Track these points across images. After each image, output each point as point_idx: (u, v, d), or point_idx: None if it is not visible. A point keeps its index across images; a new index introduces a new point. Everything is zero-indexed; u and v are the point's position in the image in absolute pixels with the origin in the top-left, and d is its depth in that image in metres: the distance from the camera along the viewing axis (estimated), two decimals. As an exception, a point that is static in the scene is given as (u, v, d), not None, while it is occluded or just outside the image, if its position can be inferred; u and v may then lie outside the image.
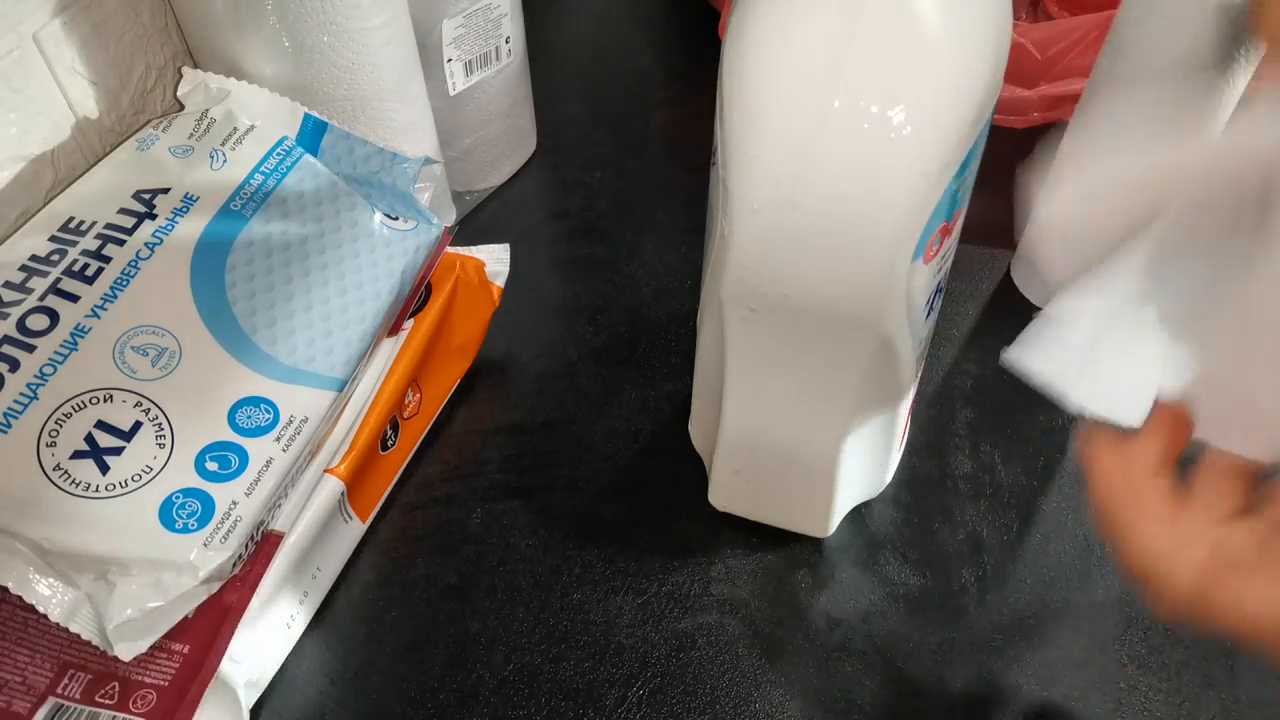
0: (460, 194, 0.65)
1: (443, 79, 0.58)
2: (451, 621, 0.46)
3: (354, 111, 0.51)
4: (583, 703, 0.43)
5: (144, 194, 0.44)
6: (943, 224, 0.35)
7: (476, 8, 0.56)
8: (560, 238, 0.64)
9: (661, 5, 0.83)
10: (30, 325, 0.39)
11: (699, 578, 0.47)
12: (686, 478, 0.51)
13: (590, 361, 0.57)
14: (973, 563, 0.47)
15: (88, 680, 0.38)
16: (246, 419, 0.40)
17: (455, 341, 0.53)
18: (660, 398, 0.54)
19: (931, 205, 0.34)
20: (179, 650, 0.39)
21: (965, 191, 0.37)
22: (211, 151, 0.46)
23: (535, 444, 0.53)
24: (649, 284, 0.61)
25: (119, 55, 0.49)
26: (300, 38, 0.47)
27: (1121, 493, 0.31)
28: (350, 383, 0.44)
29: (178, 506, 0.38)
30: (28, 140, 0.46)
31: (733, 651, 0.45)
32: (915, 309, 0.38)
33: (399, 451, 0.50)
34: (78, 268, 0.41)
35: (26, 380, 0.38)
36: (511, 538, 0.49)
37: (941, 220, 0.35)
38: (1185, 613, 0.30)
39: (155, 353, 0.40)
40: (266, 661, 0.42)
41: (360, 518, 0.47)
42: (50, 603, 0.36)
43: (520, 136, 0.67)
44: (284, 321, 0.43)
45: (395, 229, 0.48)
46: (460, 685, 0.44)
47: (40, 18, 0.44)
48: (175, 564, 0.37)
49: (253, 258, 0.44)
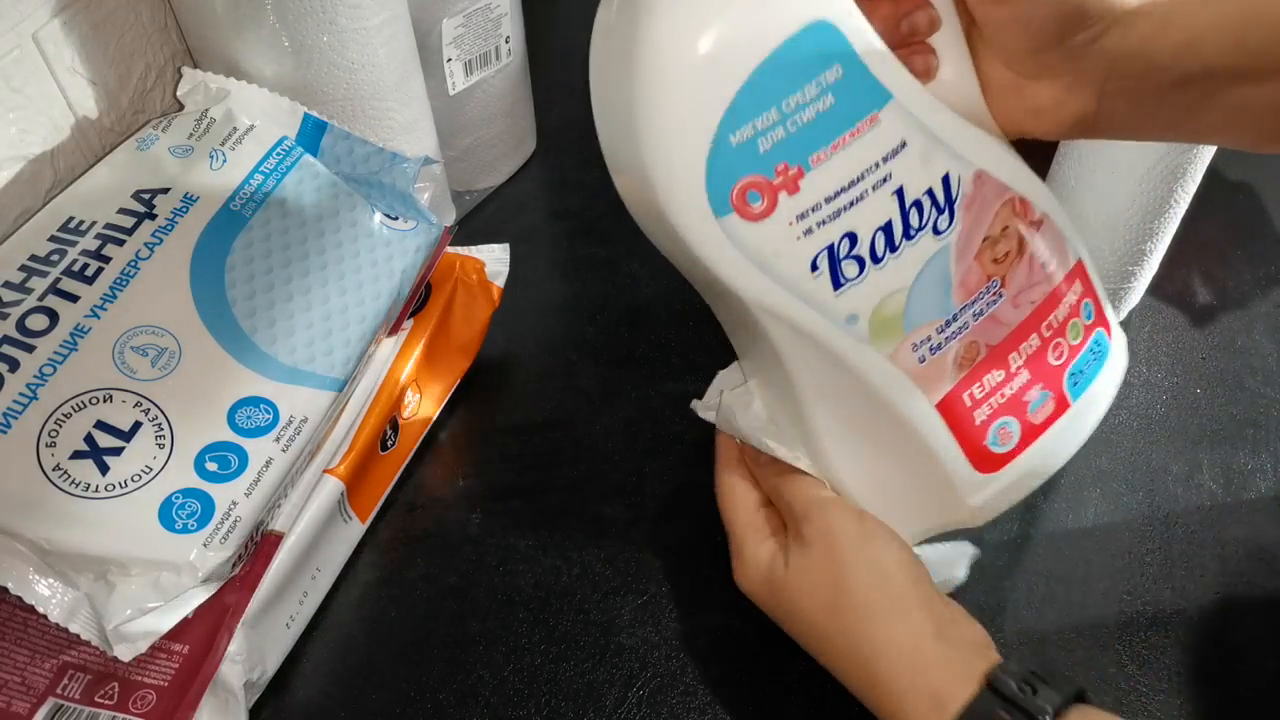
0: (460, 194, 0.65)
1: (442, 79, 0.58)
2: (451, 622, 0.46)
3: (354, 111, 0.51)
4: (583, 703, 0.43)
5: (144, 194, 0.44)
6: (760, 178, 0.34)
7: (476, 7, 0.56)
8: (560, 238, 0.64)
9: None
10: (30, 325, 0.39)
11: (699, 578, 0.47)
12: (687, 478, 0.51)
13: (590, 361, 0.57)
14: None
15: (87, 680, 0.38)
16: (246, 419, 0.40)
17: (455, 341, 0.53)
18: (660, 398, 0.54)
19: (702, 150, 0.33)
20: (178, 650, 0.39)
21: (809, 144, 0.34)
22: (211, 151, 0.46)
23: (535, 444, 0.53)
24: (649, 284, 0.61)
25: (118, 55, 0.49)
26: (300, 37, 0.47)
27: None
28: (350, 383, 0.44)
29: (177, 507, 0.38)
30: (27, 140, 0.46)
31: (733, 652, 0.45)
32: (783, 273, 0.35)
33: (399, 451, 0.50)
34: (77, 268, 0.41)
35: (26, 380, 0.38)
36: (511, 538, 0.49)
37: (755, 172, 0.34)
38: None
39: (155, 353, 0.40)
40: (266, 662, 0.42)
41: (360, 518, 0.47)
42: (50, 603, 0.36)
43: (520, 136, 0.67)
44: (284, 321, 0.43)
45: (395, 229, 0.48)
46: (460, 685, 0.44)
47: (40, 17, 0.44)
48: (175, 564, 0.37)
49: (252, 258, 0.44)
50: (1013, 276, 0.39)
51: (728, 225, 0.34)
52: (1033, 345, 0.40)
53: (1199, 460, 0.51)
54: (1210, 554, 0.48)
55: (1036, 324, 0.40)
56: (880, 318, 0.37)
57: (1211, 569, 0.47)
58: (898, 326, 0.38)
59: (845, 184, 0.35)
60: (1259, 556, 0.48)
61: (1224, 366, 0.56)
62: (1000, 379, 0.40)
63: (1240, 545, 0.48)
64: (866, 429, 0.40)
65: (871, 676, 0.37)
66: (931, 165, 0.37)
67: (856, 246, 0.36)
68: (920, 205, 0.37)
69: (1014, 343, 0.40)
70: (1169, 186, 0.50)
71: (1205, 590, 0.46)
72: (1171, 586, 0.46)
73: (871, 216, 0.36)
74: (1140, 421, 0.53)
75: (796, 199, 0.35)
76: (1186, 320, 0.59)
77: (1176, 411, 0.54)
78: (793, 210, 0.35)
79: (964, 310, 0.39)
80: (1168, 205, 0.51)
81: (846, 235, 0.36)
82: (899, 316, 0.38)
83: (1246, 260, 0.62)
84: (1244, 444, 0.52)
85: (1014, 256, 0.39)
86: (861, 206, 0.36)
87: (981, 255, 0.38)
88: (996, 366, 0.40)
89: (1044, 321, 0.40)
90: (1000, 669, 0.35)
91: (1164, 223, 0.52)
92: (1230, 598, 0.46)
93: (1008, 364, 0.40)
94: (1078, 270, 0.41)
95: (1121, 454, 0.52)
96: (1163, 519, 0.49)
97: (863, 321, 0.37)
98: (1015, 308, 0.40)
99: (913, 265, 0.37)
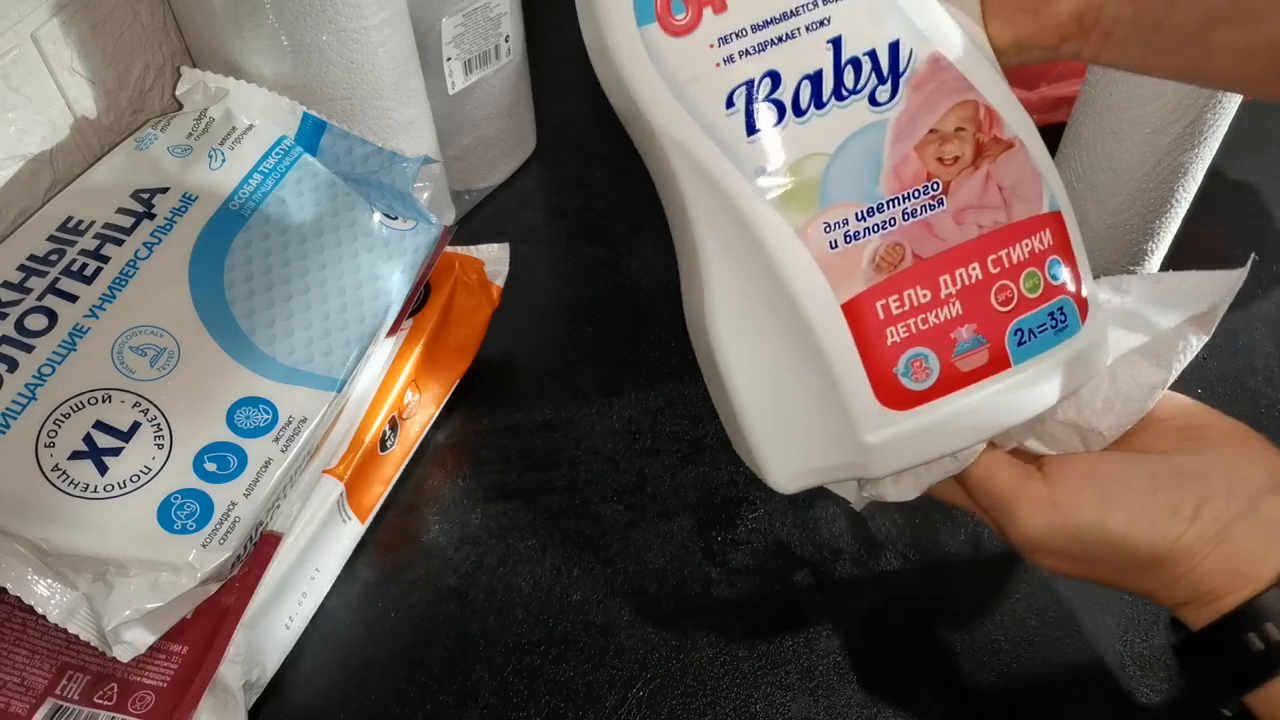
0: (459, 193, 0.65)
1: (442, 78, 0.58)
2: (451, 622, 0.46)
3: (353, 110, 0.51)
4: (582, 704, 0.43)
5: (142, 193, 0.44)
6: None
7: (476, 6, 0.56)
8: (560, 237, 0.64)
9: (661, 4, 0.82)
10: (28, 325, 0.39)
11: (699, 578, 0.47)
12: (687, 477, 0.51)
13: (590, 361, 0.57)
14: (973, 563, 0.47)
15: (86, 681, 0.38)
16: (245, 419, 0.40)
17: (454, 341, 0.53)
18: (660, 398, 0.54)
19: None
20: (177, 651, 0.39)
21: None
22: (210, 151, 0.46)
23: (535, 444, 0.53)
24: (649, 284, 0.61)
25: (117, 54, 0.49)
26: (299, 36, 0.47)
27: None
28: (349, 383, 0.44)
29: (176, 507, 0.38)
30: (26, 140, 0.45)
31: (733, 653, 0.45)
32: (697, 103, 0.33)
33: (398, 452, 0.50)
34: (76, 267, 0.41)
35: (25, 380, 0.38)
36: (511, 538, 0.49)
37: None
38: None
39: (154, 353, 0.40)
40: (266, 662, 0.42)
41: (359, 518, 0.47)
42: (49, 603, 0.35)
43: (520, 135, 0.67)
44: (283, 321, 0.43)
45: (394, 228, 0.48)
46: (459, 686, 0.44)
47: (39, 17, 0.44)
48: (174, 565, 0.37)
49: (251, 257, 0.44)
50: (960, 186, 0.36)
51: (649, 36, 0.32)
52: (972, 275, 0.36)
53: (1199, 460, 0.51)
54: (1211, 554, 0.48)
55: (982, 253, 0.36)
56: (795, 182, 0.34)
57: (1212, 569, 0.47)
58: (812, 197, 0.34)
59: (776, 14, 0.33)
60: (1259, 557, 0.47)
61: (1224, 367, 0.56)
62: (925, 300, 0.35)
63: (1241, 545, 0.48)
64: (764, 320, 0.36)
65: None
66: (881, 26, 0.34)
67: (778, 90, 0.34)
68: (858, 65, 0.34)
69: (948, 264, 0.36)
70: (1169, 186, 0.50)
71: (1206, 590, 0.46)
72: (1172, 587, 0.46)
73: (800, 61, 0.34)
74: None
75: (722, 19, 0.33)
76: (1187, 320, 0.58)
77: (1177, 411, 0.54)
78: (715, 31, 0.33)
79: (892, 203, 0.35)
80: (1168, 205, 0.51)
81: (769, 74, 0.33)
82: (815, 185, 0.34)
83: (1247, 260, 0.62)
84: (1244, 444, 0.52)
85: (965, 166, 0.36)
86: (791, 45, 0.33)
87: (924, 148, 0.35)
88: (922, 284, 0.35)
89: (991, 255, 0.36)
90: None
91: (1164, 223, 0.52)
92: (1231, 598, 0.46)
93: (937, 285, 0.36)
94: (1051, 220, 0.37)
95: (1122, 454, 0.52)
96: (1163, 519, 0.49)
97: (774, 179, 0.34)
98: (958, 225, 0.36)
99: (839, 130, 0.34)
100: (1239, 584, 0.33)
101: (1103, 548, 0.35)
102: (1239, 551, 0.33)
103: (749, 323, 0.36)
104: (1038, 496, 0.36)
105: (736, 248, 0.35)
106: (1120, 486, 0.35)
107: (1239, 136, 0.52)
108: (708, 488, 0.50)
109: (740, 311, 0.36)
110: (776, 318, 0.35)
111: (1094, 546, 0.35)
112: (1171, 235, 0.53)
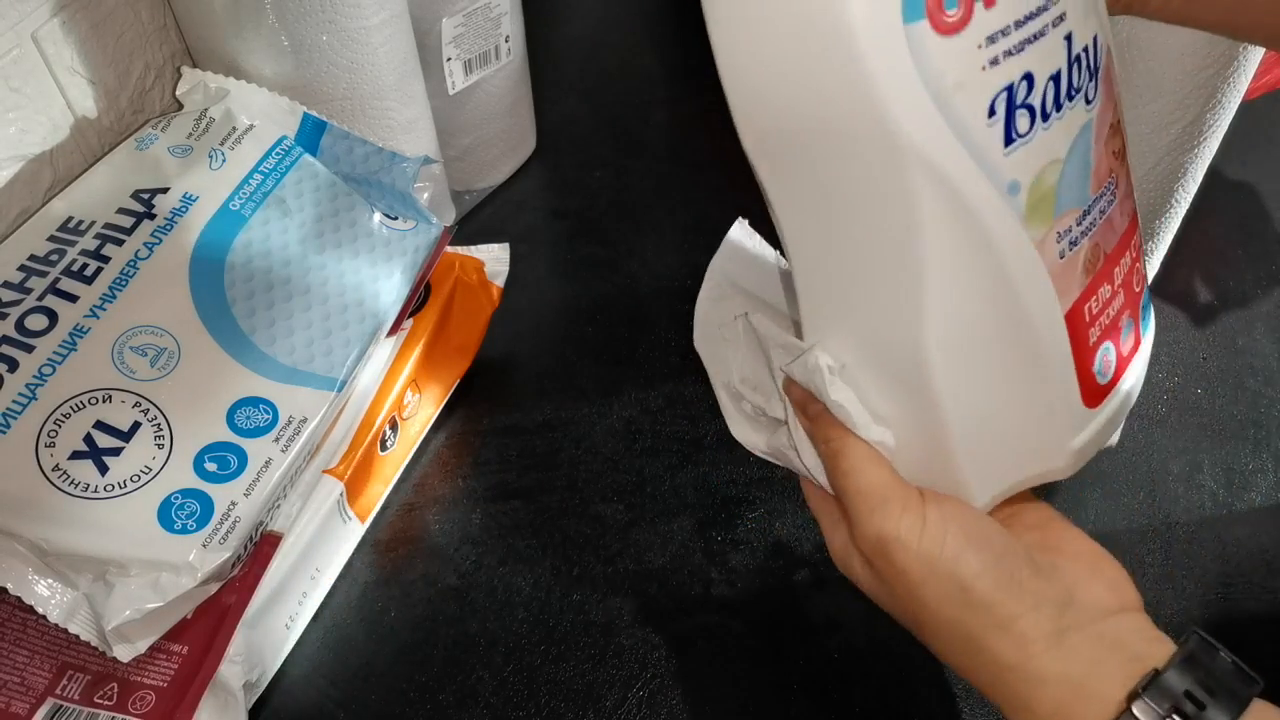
0: (460, 193, 0.65)
1: (442, 78, 0.58)
2: (451, 622, 0.46)
3: (353, 111, 0.51)
4: (582, 704, 0.43)
5: (143, 194, 0.44)
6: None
7: (476, 6, 0.56)
8: (560, 238, 0.64)
9: (661, 4, 0.83)
10: (29, 325, 0.39)
11: (699, 579, 0.47)
12: (687, 477, 0.51)
13: (590, 361, 0.57)
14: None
15: (86, 681, 0.38)
16: (245, 419, 0.40)
17: (454, 341, 0.53)
18: (660, 398, 0.54)
19: None
20: (178, 651, 0.39)
21: None
22: (210, 151, 0.46)
23: (535, 444, 0.53)
24: (649, 284, 0.61)
25: (118, 54, 0.49)
26: (299, 36, 0.47)
27: None
28: (349, 383, 0.44)
29: (176, 507, 0.38)
30: (26, 140, 0.45)
31: (733, 653, 0.45)
32: (958, 115, 0.28)
33: (398, 452, 0.50)
34: (76, 267, 0.41)
35: (25, 380, 0.38)
36: (511, 538, 0.49)
37: None
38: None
39: (154, 353, 0.40)
40: (266, 662, 0.42)
41: (359, 518, 0.47)
42: (49, 603, 0.35)
43: (520, 136, 0.67)
44: (283, 322, 0.43)
45: (394, 229, 0.48)
46: (460, 686, 0.44)
47: (39, 17, 0.44)
48: (174, 565, 0.37)
49: (251, 258, 0.44)
50: (1123, 177, 0.34)
51: (914, 35, 0.27)
52: (1126, 264, 0.35)
53: (1199, 460, 0.51)
54: (1210, 554, 0.48)
55: (1130, 240, 0.34)
56: (1038, 192, 0.31)
57: (1212, 569, 0.47)
58: (1049, 207, 0.31)
59: (1034, 9, 0.29)
60: (1259, 556, 0.48)
61: (1224, 366, 0.56)
62: (1108, 295, 0.34)
63: (1240, 545, 0.48)
64: (986, 343, 0.32)
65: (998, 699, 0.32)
66: (1089, 20, 0.31)
67: (1031, 93, 0.30)
68: (1080, 61, 0.31)
69: (1118, 255, 0.34)
70: (1169, 186, 0.50)
71: (1205, 590, 0.46)
72: (1171, 586, 0.46)
73: (1047, 60, 0.30)
74: (1141, 422, 0.53)
75: (991, 14, 0.28)
76: (1187, 320, 0.58)
77: (1177, 411, 0.54)
78: (985, 29, 0.28)
79: (1095, 204, 0.32)
80: (1168, 205, 0.51)
81: (1025, 76, 0.29)
82: (1052, 194, 0.31)
83: (1247, 260, 0.62)
84: (1244, 444, 0.52)
85: (1123, 155, 0.34)
86: (1041, 44, 0.30)
87: (1108, 143, 0.33)
88: (1106, 280, 0.33)
89: (1133, 239, 0.34)
90: (1151, 688, 0.28)
91: (1164, 223, 0.52)
92: (1230, 598, 0.46)
93: (1114, 278, 0.34)
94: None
95: (1122, 454, 0.52)
96: (1163, 519, 0.49)
97: (1023, 194, 0.30)
98: (1123, 215, 0.34)
99: (1068, 133, 0.31)
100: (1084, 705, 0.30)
101: (952, 582, 0.32)
102: (1078, 658, 0.30)
103: (966, 344, 0.32)
104: (913, 504, 0.33)
105: (972, 270, 0.31)
106: (982, 538, 0.33)
107: (1239, 136, 0.52)
108: (707, 488, 0.50)
109: (960, 339, 0.32)
110: (1001, 337, 0.32)
111: (943, 576, 0.32)
112: (1171, 235, 0.53)
